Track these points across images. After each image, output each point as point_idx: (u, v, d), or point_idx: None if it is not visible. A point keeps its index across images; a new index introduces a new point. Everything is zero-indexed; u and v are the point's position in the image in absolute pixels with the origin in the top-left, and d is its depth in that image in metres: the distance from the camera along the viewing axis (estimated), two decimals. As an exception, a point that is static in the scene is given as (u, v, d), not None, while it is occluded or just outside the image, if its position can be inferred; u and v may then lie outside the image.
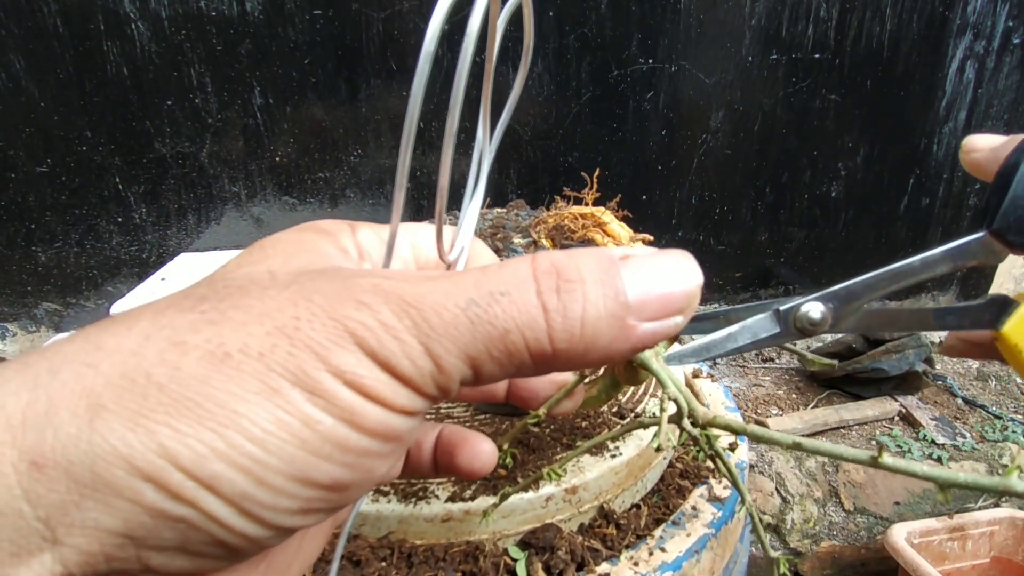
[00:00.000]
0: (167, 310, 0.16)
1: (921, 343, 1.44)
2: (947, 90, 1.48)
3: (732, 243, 1.51)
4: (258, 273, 0.18)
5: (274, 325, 0.15)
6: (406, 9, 1.13)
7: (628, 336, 0.17)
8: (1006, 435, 1.35)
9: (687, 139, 1.38)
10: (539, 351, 0.17)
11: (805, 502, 1.21)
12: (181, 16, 1.07)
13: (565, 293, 0.16)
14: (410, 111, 0.17)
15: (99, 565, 0.15)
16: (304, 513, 0.16)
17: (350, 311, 0.16)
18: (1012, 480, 0.17)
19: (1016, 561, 1.13)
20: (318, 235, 0.21)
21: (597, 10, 1.22)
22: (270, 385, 0.15)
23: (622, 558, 0.45)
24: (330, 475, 0.16)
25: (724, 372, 1.59)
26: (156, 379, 0.15)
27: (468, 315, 0.16)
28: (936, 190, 1.58)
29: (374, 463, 0.17)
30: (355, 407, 0.15)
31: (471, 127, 1.06)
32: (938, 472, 0.19)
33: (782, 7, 1.31)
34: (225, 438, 0.14)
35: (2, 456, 0.14)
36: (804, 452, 0.22)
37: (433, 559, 0.43)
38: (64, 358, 0.15)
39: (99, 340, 0.15)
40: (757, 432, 0.23)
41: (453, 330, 0.16)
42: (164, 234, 1.20)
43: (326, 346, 0.15)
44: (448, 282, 0.16)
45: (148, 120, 1.11)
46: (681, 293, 0.18)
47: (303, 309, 0.16)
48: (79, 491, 0.14)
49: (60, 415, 0.14)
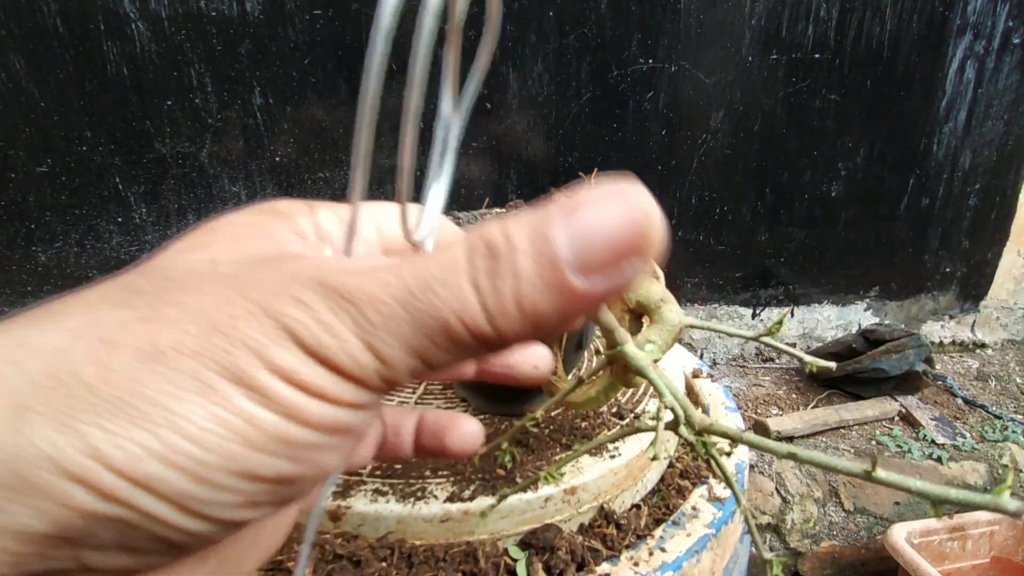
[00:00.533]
0: (99, 304, 0.16)
1: (921, 343, 1.44)
2: (947, 90, 1.48)
3: (732, 243, 1.51)
4: (199, 262, 0.18)
5: (209, 322, 0.15)
6: (406, 9, 1.13)
7: (574, 299, 0.15)
8: (1006, 435, 1.35)
9: (687, 139, 1.38)
10: (483, 336, 0.16)
11: (805, 502, 1.21)
12: (181, 16, 1.07)
13: (494, 272, 0.15)
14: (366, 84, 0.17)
15: (32, 565, 0.14)
16: (250, 507, 0.16)
17: (288, 308, 0.15)
18: (1003, 498, 0.18)
19: (1016, 561, 1.13)
20: (273, 217, 0.20)
21: (597, 10, 1.22)
22: (206, 383, 0.14)
23: (622, 558, 0.45)
24: (275, 469, 0.15)
25: (724, 372, 1.59)
26: (85, 378, 0.14)
27: (407, 309, 0.15)
28: (936, 190, 1.58)
29: (322, 456, 0.16)
30: (296, 403, 0.15)
31: (470, 126, 1.06)
32: (931, 488, 0.19)
33: (782, 7, 1.31)
34: (160, 437, 0.14)
35: None
36: (799, 462, 0.22)
37: (433, 559, 0.43)
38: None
39: (23, 336, 0.15)
40: (753, 440, 0.24)
41: (393, 324, 0.15)
42: (164, 234, 1.20)
43: (263, 343, 0.15)
44: (389, 273, 0.16)
45: (148, 120, 1.11)
46: (629, 230, 0.15)
47: (239, 306, 0.15)
48: (4, 495, 0.14)
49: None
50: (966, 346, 1.79)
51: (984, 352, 1.78)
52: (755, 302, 1.60)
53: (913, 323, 1.73)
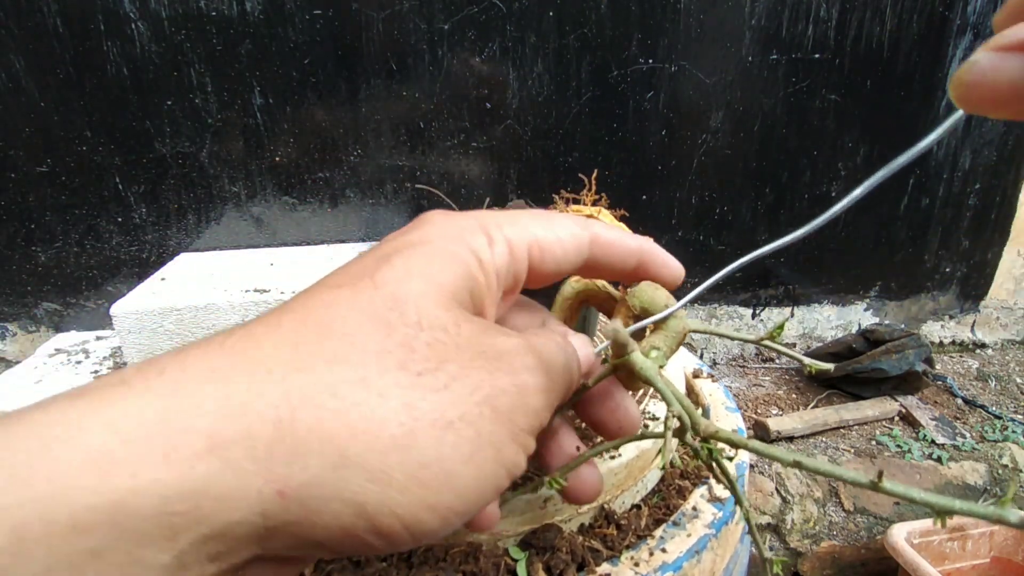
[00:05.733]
0: (393, 371, 0.20)
1: (921, 343, 1.44)
2: (947, 90, 1.48)
3: (732, 243, 1.51)
4: (454, 327, 0.22)
5: (482, 397, 0.21)
6: (406, 9, 1.13)
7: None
8: (1006, 435, 1.35)
9: (687, 139, 1.38)
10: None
11: (805, 502, 1.21)
12: (181, 16, 1.07)
13: None
14: None
15: (282, 552, 0.19)
16: None
17: (516, 423, 0.22)
18: (1006, 510, 0.19)
19: (1016, 561, 1.13)
20: (465, 251, 0.24)
21: (597, 10, 1.22)
22: (483, 445, 0.20)
23: (623, 558, 0.45)
24: (482, 508, 0.21)
25: (724, 372, 1.59)
26: (395, 440, 0.18)
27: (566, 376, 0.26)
28: (936, 190, 1.58)
29: None
30: (522, 464, 0.22)
31: (470, 126, 1.07)
32: (935, 499, 0.20)
33: (782, 7, 1.31)
34: (439, 496, 0.19)
35: (250, 484, 0.17)
36: (804, 470, 0.23)
37: (433, 559, 0.43)
38: (302, 396, 0.18)
39: (334, 387, 0.19)
40: (758, 447, 0.24)
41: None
42: (164, 234, 1.19)
43: (512, 428, 0.21)
44: (557, 346, 0.26)
45: (148, 120, 1.11)
46: None
47: (492, 401, 0.21)
48: (307, 517, 0.18)
49: (308, 459, 0.18)
50: (966, 346, 1.79)
51: (984, 352, 1.78)
52: (755, 302, 1.60)
53: (913, 323, 1.73)
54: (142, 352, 0.88)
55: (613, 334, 0.26)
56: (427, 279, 0.22)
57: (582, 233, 0.28)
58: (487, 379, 0.21)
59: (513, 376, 0.22)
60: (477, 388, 0.20)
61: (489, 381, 0.21)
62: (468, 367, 0.21)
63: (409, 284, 0.21)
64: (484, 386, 0.21)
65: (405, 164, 1.25)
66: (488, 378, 0.21)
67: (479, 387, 0.20)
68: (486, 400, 0.20)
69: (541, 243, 0.26)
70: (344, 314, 0.20)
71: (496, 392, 0.21)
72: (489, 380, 0.21)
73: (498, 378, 0.21)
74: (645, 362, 0.27)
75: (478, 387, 0.20)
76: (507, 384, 0.21)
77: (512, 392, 0.21)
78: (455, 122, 1.23)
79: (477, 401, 0.20)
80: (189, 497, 0.16)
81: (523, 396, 0.22)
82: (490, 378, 0.21)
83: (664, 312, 0.32)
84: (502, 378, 0.21)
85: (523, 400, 0.22)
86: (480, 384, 0.20)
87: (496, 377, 0.21)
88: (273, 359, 0.19)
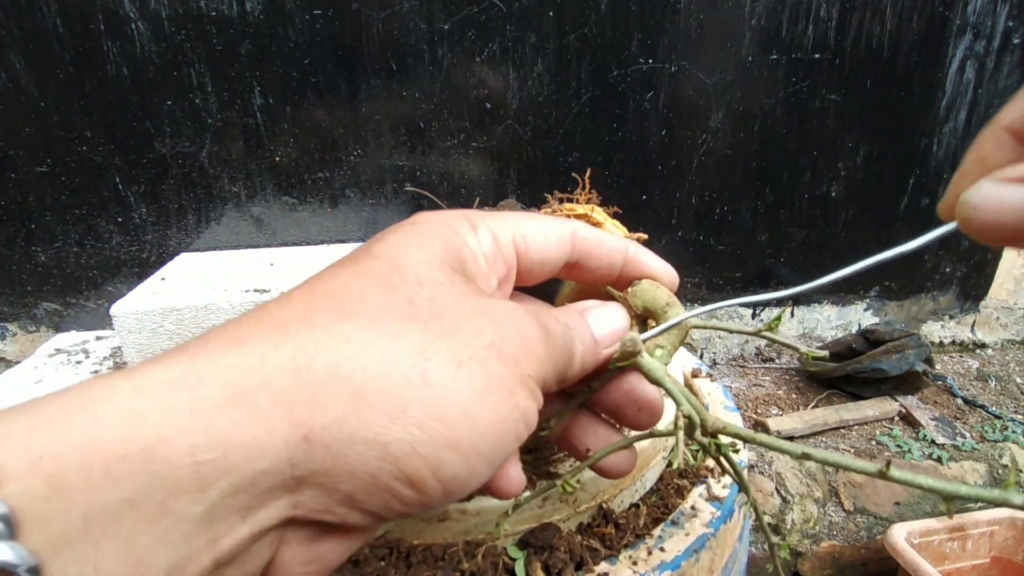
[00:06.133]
0: (401, 320, 0.20)
1: (921, 343, 1.44)
2: (947, 90, 1.48)
3: (732, 243, 1.51)
4: (450, 284, 0.23)
5: (487, 341, 0.21)
6: (406, 9, 1.13)
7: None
8: (1006, 435, 1.35)
9: (687, 139, 1.38)
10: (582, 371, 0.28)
11: (805, 502, 1.21)
12: (181, 16, 1.07)
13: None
14: None
15: (313, 513, 0.19)
16: (473, 491, 0.22)
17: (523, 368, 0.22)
18: (1010, 493, 0.19)
19: (1016, 561, 1.13)
20: (455, 235, 0.25)
21: (597, 10, 1.22)
22: (494, 385, 0.21)
23: (621, 557, 0.45)
24: (504, 458, 0.22)
25: (724, 372, 1.59)
26: (409, 379, 0.19)
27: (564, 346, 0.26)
28: (936, 190, 1.58)
29: None
30: (534, 411, 0.23)
31: (470, 126, 1.07)
32: (942, 485, 0.20)
33: (782, 7, 1.31)
34: (458, 432, 0.19)
35: (274, 430, 0.18)
36: (813, 462, 0.23)
37: (432, 558, 0.43)
38: (317, 345, 0.19)
39: (348, 335, 0.19)
40: (767, 441, 0.24)
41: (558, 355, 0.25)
42: (164, 234, 1.20)
43: (520, 372, 0.22)
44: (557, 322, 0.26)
45: (148, 120, 1.11)
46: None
47: (498, 345, 0.22)
48: (333, 461, 0.18)
49: (329, 401, 0.18)
50: (966, 346, 1.79)
51: (984, 352, 1.78)
52: (755, 302, 1.60)
53: (913, 323, 1.73)
54: (142, 352, 0.88)
55: (631, 344, 0.26)
56: (421, 247, 0.23)
57: (564, 227, 0.29)
58: (490, 326, 0.21)
59: (515, 326, 0.22)
60: (481, 332, 0.21)
61: (493, 328, 0.21)
62: (470, 316, 0.21)
63: (406, 251, 0.23)
64: (488, 331, 0.21)
65: (405, 164, 1.25)
66: (491, 326, 0.21)
67: (483, 332, 0.21)
68: (492, 344, 0.21)
69: (525, 233, 0.27)
70: (348, 281, 0.21)
71: (500, 338, 0.21)
72: (493, 327, 0.21)
73: (501, 326, 0.22)
74: (652, 362, 0.27)
75: (482, 331, 0.21)
76: (510, 331, 0.22)
77: (516, 339, 0.22)
78: (455, 122, 1.23)
79: (483, 344, 0.21)
80: (216, 446, 0.17)
81: (527, 343, 0.22)
82: (494, 326, 0.22)
83: (678, 318, 0.32)
84: (505, 326, 0.22)
85: (527, 347, 0.22)
86: (484, 329, 0.21)
87: (499, 326, 0.22)
88: (287, 320, 0.20)
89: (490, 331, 0.21)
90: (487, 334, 0.21)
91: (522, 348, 0.22)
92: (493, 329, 0.21)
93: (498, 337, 0.21)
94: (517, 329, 0.22)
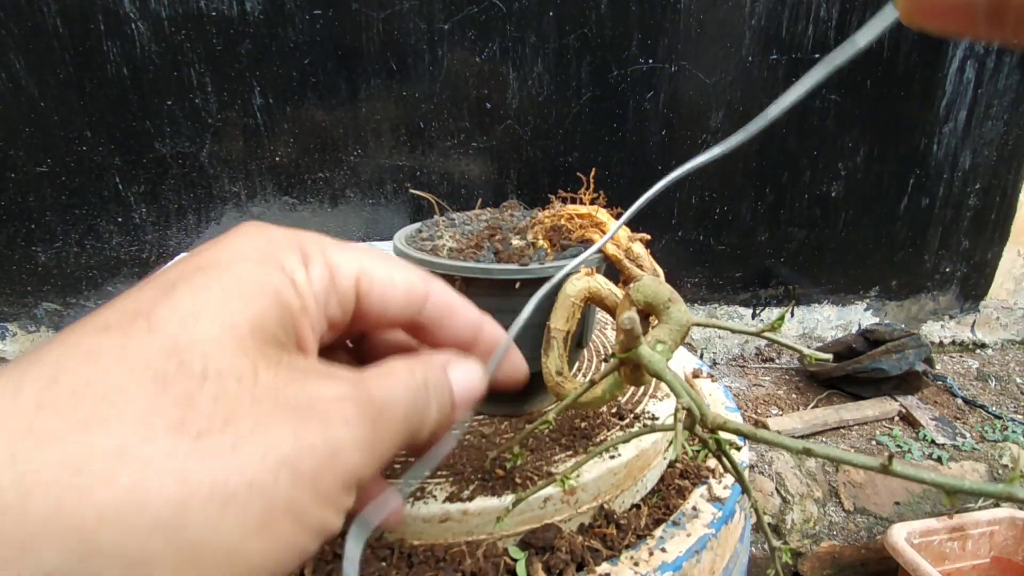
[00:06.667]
0: (163, 435, 0.17)
1: (921, 343, 1.44)
2: (947, 90, 1.48)
3: (732, 243, 1.51)
4: (249, 377, 0.19)
5: (278, 458, 0.18)
6: (406, 9, 1.13)
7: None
8: (1006, 435, 1.35)
9: (687, 139, 1.38)
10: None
11: (805, 502, 1.21)
12: (181, 16, 1.07)
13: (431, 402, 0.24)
14: None
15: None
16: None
17: (322, 486, 0.19)
18: (1015, 487, 0.19)
19: (1016, 561, 1.13)
20: (276, 273, 0.21)
21: (597, 10, 1.22)
22: (276, 515, 0.18)
23: (622, 558, 0.45)
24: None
25: (724, 372, 1.59)
26: (159, 520, 0.16)
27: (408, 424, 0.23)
28: (936, 190, 1.58)
29: None
30: (332, 527, 0.20)
31: (470, 126, 1.07)
32: (945, 479, 0.20)
33: (782, 7, 1.31)
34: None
35: None
36: (814, 457, 0.23)
37: (433, 559, 0.43)
38: (37, 477, 0.15)
39: (83, 461, 0.16)
40: (767, 437, 0.24)
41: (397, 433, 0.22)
42: (164, 234, 1.19)
43: (316, 492, 0.19)
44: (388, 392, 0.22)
45: (148, 120, 1.11)
46: None
47: (293, 463, 0.18)
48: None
49: (43, 552, 0.15)
50: (966, 346, 1.79)
51: (984, 352, 1.78)
52: (755, 302, 1.60)
53: (913, 323, 1.73)
54: (142, 352, 0.88)
55: (629, 323, 0.26)
56: (218, 318, 0.18)
57: (420, 284, 0.25)
58: (289, 437, 0.18)
59: (324, 430, 0.19)
60: (274, 448, 0.18)
61: (291, 439, 0.18)
62: (266, 423, 0.18)
63: (195, 327, 0.18)
64: (283, 445, 0.18)
65: (405, 164, 1.25)
66: (291, 436, 0.18)
67: (276, 446, 0.18)
68: (284, 462, 0.17)
69: (371, 278, 0.23)
70: (108, 367, 0.17)
71: (299, 452, 0.18)
72: (292, 438, 0.18)
73: (304, 434, 0.18)
74: (653, 355, 0.27)
75: (275, 446, 0.18)
76: (315, 440, 0.18)
77: (320, 450, 0.18)
78: (455, 122, 1.23)
79: (272, 464, 0.17)
80: None
81: (334, 455, 0.19)
82: (293, 436, 0.18)
83: (600, 243, 0.32)
84: (309, 434, 0.18)
85: (334, 459, 0.19)
86: (278, 443, 0.18)
87: (302, 433, 0.18)
88: (5, 431, 0.15)
89: (287, 443, 0.18)
90: (282, 447, 0.18)
91: (327, 461, 0.18)
92: (292, 440, 0.18)
93: (295, 450, 0.18)
94: (326, 435, 0.19)
